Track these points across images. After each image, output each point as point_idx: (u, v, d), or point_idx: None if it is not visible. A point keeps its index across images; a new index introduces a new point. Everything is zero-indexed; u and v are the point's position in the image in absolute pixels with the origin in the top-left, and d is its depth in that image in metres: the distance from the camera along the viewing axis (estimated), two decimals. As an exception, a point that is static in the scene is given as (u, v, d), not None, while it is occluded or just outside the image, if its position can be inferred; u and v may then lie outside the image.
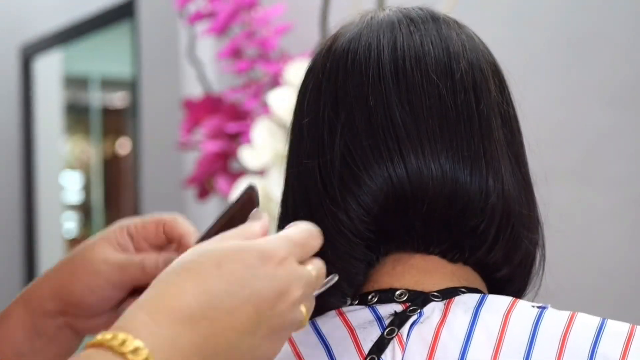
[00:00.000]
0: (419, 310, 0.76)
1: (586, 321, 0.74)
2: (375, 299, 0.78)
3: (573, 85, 1.95)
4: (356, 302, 0.79)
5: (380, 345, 0.75)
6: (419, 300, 0.77)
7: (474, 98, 0.79)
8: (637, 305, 1.83)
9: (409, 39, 0.80)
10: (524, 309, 0.75)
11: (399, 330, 0.75)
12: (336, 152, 0.78)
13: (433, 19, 0.82)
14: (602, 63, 1.90)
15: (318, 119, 0.80)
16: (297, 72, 1.99)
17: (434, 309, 0.76)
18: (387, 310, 0.77)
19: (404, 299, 0.77)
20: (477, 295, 0.77)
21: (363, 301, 0.79)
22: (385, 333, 0.75)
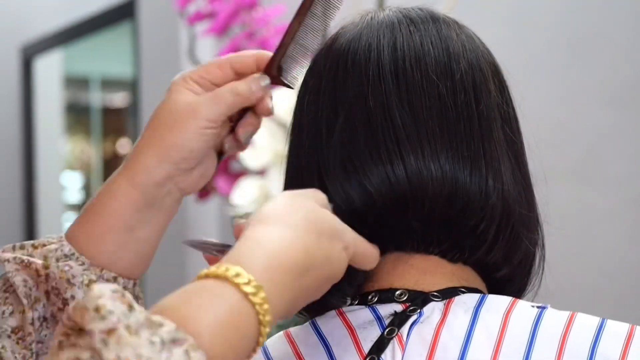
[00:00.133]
0: (419, 310, 0.76)
1: (586, 321, 0.74)
2: (375, 299, 0.78)
3: (573, 85, 1.95)
4: (356, 302, 0.79)
5: (380, 345, 0.75)
6: (419, 300, 0.77)
7: (473, 98, 0.79)
8: (637, 305, 1.83)
9: (409, 39, 0.80)
10: (524, 309, 0.75)
11: (399, 330, 0.75)
12: (335, 153, 0.78)
13: (433, 19, 0.82)
14: (602, 63, 1.90)
15: (317, 119, 0.80)
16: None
17: (433, 309, 0.76)
18: (387, 310, 0.77)
19: (404, 298, 0.77)
20: (477, 295, 0.77)
21: (363, 301, 0.79)
22: (385, 333, 0.75)
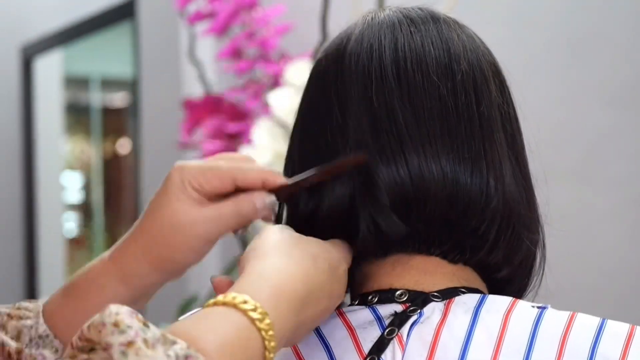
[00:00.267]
0: (419, 311, 0.76)
1: (586, 321, 0.74)
2: (376, 299, 0.78)
3: (573, 85, 1.95)
4: (356, 302, 0.79)
5: (380, 346, 0.75)
6: (419, 300, 0.77)
7: (474, 99, 0.78)
8: (637, 305, 1.83)
9: (410, 40, 0.80)
10: (524, 309, 0.75)
11: (399, 331, 0.75)
12: (340, 154, 0.78)
13: (433, 19, 0.82)
14: (602, 63, 1.90)
15: (321, 121, 0.80)
16: (297, 72, 1.99)
17: (434, 309, 0.76)
18: (387, 310, 0.77)
19: (404, 299, 0.77)
20: (477, 296, 0.77)
21: (363, 301, 0.79)
22: (386, 333, 0.75)
